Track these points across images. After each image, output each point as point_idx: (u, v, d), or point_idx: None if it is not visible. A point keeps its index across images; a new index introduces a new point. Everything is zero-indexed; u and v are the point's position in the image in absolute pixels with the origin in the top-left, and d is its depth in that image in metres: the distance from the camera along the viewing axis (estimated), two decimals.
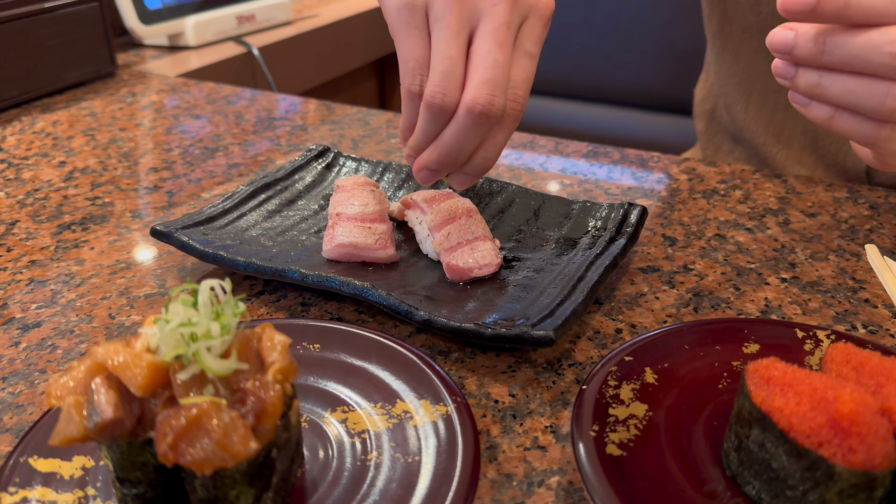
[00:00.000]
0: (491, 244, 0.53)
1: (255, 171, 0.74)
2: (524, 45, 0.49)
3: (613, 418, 0.38)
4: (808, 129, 0.74)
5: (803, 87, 0.45)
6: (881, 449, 0.30)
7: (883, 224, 0.62)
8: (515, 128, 0.49)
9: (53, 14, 0.94)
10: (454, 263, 0.51)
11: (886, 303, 0.51)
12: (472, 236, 0.53)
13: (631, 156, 0.76)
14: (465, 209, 0.55)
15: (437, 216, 0.54)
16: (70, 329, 0.50)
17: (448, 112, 0.47)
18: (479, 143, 0.48)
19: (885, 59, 0.40)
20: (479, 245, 0.52)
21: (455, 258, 0.52)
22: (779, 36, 0.44)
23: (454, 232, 0.53)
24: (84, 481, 0.35)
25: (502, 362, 0.46)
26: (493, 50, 0.46)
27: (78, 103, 0.94)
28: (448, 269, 0.52)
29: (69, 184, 0.72)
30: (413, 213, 0.57)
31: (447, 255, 0.52)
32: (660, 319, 0.50)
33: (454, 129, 0.47)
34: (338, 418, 0.39)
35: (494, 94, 0.45)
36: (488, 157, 0.49)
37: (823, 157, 0.74)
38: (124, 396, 0.31)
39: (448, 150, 0.48)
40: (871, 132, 0.44)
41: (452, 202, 0.55)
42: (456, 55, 0.46)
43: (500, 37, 0.46)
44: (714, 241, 0.60)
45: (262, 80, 1.23)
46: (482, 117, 0.46)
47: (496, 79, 0.46)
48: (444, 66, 0.46)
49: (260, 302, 0.52)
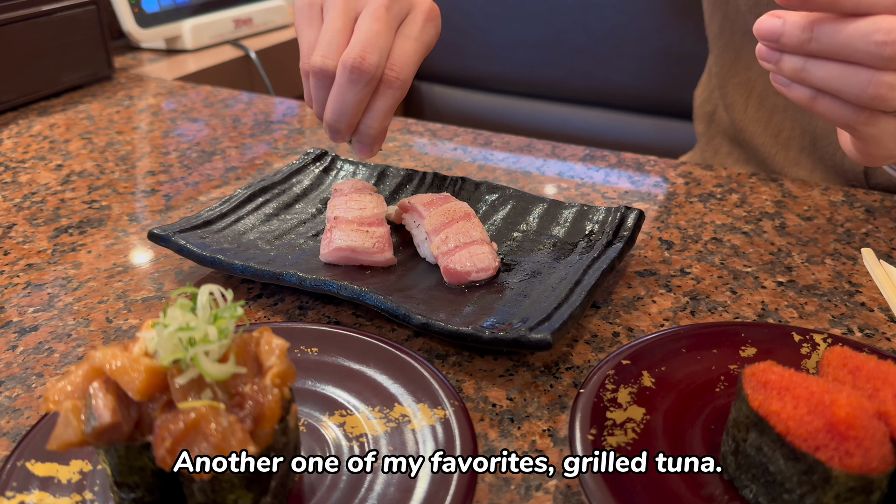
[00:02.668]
0: (488, 248, 0.53)
1: (252, 174, 0.74)
2: (405, 30, 0.55)
3: (611, 422, 0.38)
4: (807, 130, 0.75)
5: (788, 71, 0.45)
6: (878, 452, 0.30)
7: (879, 228, 0.62)
8: (399, 98, 0.54)
9: (50, 17, 0.94)
10: (452, 267, 0.51)
11: (882, 306, 0.52)
12: (470, 240, 0.53)
13: (628, 159, 0.76)
14: (463, 213, 0.55)
15: (435, 219, 0.54)
16: (67, 333, 0.50)
17: (329, 75, 0.53)
18: (360, 103, 0.53)
19: (871, 47, 0.41)
20: (476, 249, 0.52)
21: (453, 262, 0.52)
22: (766, 24, 0.45)
23: (452, 235, 0.53)
24: (82, 485, 0.35)
25: (500, 366, 0.46)
26: (369, 21, 0.52)
27: (75, 106, 0.94)
28: (446, 272, 0.52)
29: (66, 187, 0.72)
30: (410, 216, 0.57)
31: (445, 258, 0.52)
32: (657, 323, 0.50)
33: (335, 87, 0.53)
34: (336, 422, 0.39)
35: (366, 51, 0.51)
36: (371, 125, 0.55)
37: (822, 159, 0.75)
38: (122, 401, 0.31)
39: (333, 108, 0.53)
40: (852, 115, 0.45)
41: (450, 206, 0.55)
42: (339, 27, 0.53)
43: (378, 13, 0.53)
44: (711, 245, 0.60)
45: (259, 83, 1.23)
46: (355, 72, 0.51)
47: (368, 40, 0.52)
48: (327, 36, 0.53)
49: (257, 305, 0.52)
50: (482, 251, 0.52)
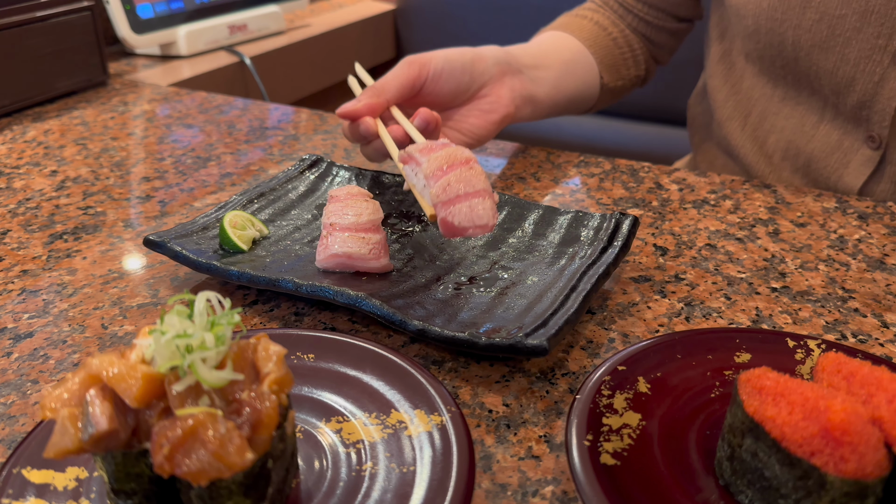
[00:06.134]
0: (490, 201, 0.50)
1: (247, 180, 0.74)
2: None
3: (607, 428, 0.38)
4: (803, 151, 0.75)
5: None
6: (872, 458, 0.30)
7: (871, 234, 0.63)
8: None
9: (45, 23, 0.94)
10: (449, 220, 0.49)
11: (876, 312, 0.52)
12: (472, 189, 0.49)
13: (622, 166, 0.77)
14: (463, 158, 0.51)
15: (434, 164, 0.51)
16: (62, 339, 0.50)
17: None
18: None
19: None
20: (477, 202, 0.49)
21: (451, 214, 0.49)
22: None
23: (453, 182, 0.49)
24: (78, 492, 0.35)
25: (496, 372, 0.46)
26: None
27: (70, 112, 0.94)
28: (443, 224, 0.49)
29: (61, 193, 0.72)
30: (410, 167, 0.54)
31: (444, 208, 0.49)
32: (652, 329, 0.50)
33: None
34: (332, 428, 0.39)
35: None
36: None
37: (816, 181, 0.76)
38: (119, 408, 0.31)
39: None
40: None
41: (450, 150, 0.52)
42: None
43: None
44: (705, 251, 0.60)
45: (254, 89, 1.23)
46: None
47: None
48: None
49: (253, 312, 0.52)
50: (484, 205, 0.49)
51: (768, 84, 0.77)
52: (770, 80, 0.77)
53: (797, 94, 0.75)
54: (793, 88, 0.75)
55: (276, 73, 1.29)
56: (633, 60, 0.87)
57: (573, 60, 0.82)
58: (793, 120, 0.76)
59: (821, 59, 0.70)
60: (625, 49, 0.86)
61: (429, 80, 0.67)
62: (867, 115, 0.70)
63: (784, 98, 0.76)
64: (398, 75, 0.66)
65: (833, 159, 0.73)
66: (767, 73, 0.77)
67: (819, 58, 0.70)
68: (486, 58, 0.71)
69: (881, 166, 0.71)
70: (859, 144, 0.71)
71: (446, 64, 0.68)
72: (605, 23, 0.85)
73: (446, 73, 0.68)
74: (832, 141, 0.73)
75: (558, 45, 0.83)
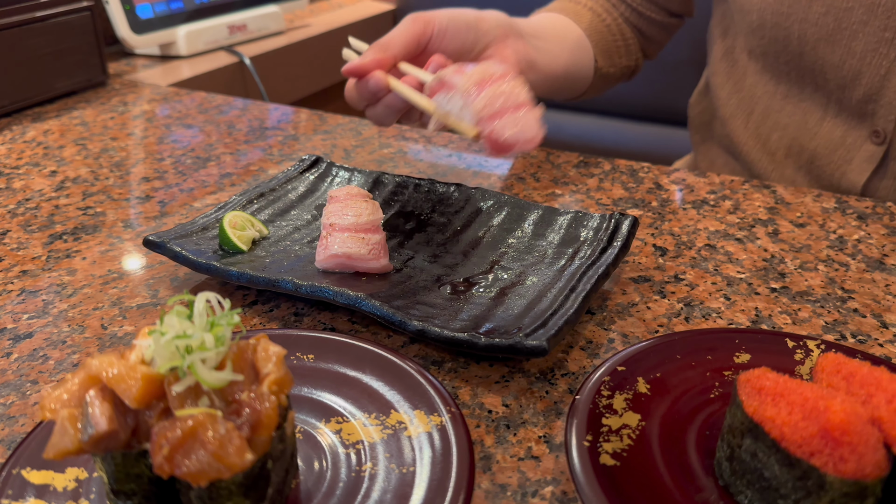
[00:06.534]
0: (536, 113, 0.48)
1: (247, 180, 0.74)
2: None
3: (607, 428, 0.38)
4: (806, 148, 0.75)
5: None
6: (872, 458, 0.30)
7: (871, 234, 0.63)
8: None
9: (45, 23, 0.94)
10: (496, 135, 0.46)
11: (875, 312, 0.52)
12: (516, 101, 0.47)
13: (621, 166, 0.77)
14: (500, 72, 0.49)
15: (472, 79, 0.48)
16: (62, 340, 0.50)
17: None
18: None
19: None
20: (523, 113, 0.47)
21: (498, 128, 0.46)
22: None
23: (496, 95, 0.47)
24: (78, 493, 0.35)
25: (496, 372, 0.46)
26: None
27: (69, 112, 0.94)
28: (489, 141, 0.47)
29: (60, 193, 0.72)
30: (441, 95, 0.51)
31: (489, 123, 0.47)
32: (651, 329, 0.50)
33: None
34: (332, 429, 0.39)
35: None
36: None
37: (818, 178, 0.75)
38: (119, 409, 0.31)
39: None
40: None
41: (485, 65, 0.49)
42: None
43: None
44: (704, 252, 0.60)
45: (253, 89, 1.23)
46: None
47: None
48: None
49: (253, 312, 0.52)
50: (529, 117, 0.47)
51: (771, 81, 0.77)
52: (773, 77, 0.77)
53: (800, 90, 0.75)
54: (796, 85, 0.75)
55: (275, 73, 1.29)
56: (625, 49, 0.87)
57: (570, 38, 0.81)
58: (796, 117, 0.76)
59: (827, 53, 0.70)
60: (618, 37, 0.86)
61: (434, 37, 0.65)
62: (873, 109, 0.70)
63: (787, 95, 0.76)
64: (403, 31, 0.63)
65: (836, 156, 0.73)
66: (771, 70, 0.77)
67: (825, 51, 0.70)
68: (489, 18, 0.69)
69: (885, 162, 0.71)
70: (863, 140, 0.71)
71: (451, 21, 0.65)
72: (599, 10, 0.85)
73: (451, 31, 0.65)
74: (836, 137, 0.73)
75: (555, 23, 0.82)
